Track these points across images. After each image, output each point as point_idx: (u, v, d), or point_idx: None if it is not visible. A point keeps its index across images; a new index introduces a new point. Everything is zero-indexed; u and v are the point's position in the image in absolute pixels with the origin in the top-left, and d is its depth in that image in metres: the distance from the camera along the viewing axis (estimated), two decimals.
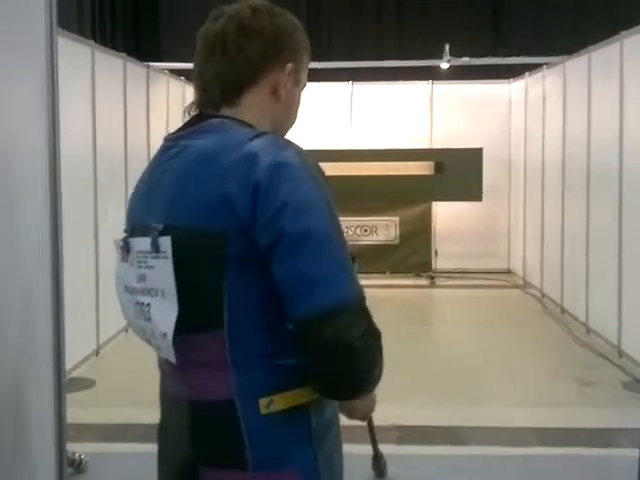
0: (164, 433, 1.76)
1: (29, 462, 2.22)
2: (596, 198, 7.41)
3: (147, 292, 1.63)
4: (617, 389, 5.98)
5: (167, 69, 9.31)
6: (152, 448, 1.82)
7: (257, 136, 1.59)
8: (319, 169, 1.60)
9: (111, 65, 7.21)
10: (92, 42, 7.01)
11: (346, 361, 1.48)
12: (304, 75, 1.78)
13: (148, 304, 1.63)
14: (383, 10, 11.50)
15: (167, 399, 1.75)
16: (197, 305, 1.57)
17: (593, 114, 7.46)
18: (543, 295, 9.19)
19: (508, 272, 10.75)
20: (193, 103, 1.74)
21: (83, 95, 6.45)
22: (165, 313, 1.59)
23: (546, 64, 9.15)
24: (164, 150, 1.71)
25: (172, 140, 1.71)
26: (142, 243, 1.63)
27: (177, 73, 9.63)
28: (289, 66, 1.72)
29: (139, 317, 1.67)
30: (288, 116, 1.77)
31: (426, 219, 10.56)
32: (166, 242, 1.57)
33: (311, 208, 1.52)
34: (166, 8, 11.56)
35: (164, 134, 7.09)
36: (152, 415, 1.90)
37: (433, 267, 10.58)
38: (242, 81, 1.69)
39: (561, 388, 6.04)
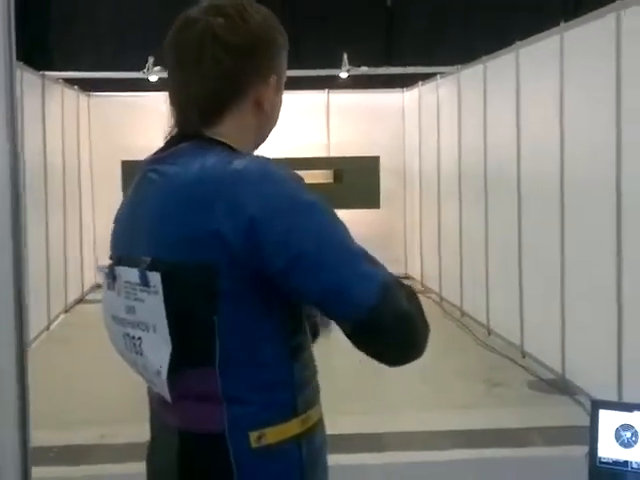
0: (154, 457, 1.72)
1: None
2: (494, 203, 7.63)
3: (137, 325, 1.59)
4: (524, 389, 6.17)
5: (61, 78, 9.06)
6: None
7: (238, 161, 1.53)
8: (300, 178, 1.58)
9: (5, 73, 6.94)
10: None
11: (411, 327, 1.52)
12: (284, 76, 1.71)
13: (139, 338, 1.59)
14: (281, 20, 11.49)
15: (157, 425, 1.71)
16: (188, 340, 1.54)
17: (489, 122, 7.69)
18: (442, 299, 9.39)
19: (406, 277, 10.93)
20: (172, 125, 1.65)
21: None
22: (157, 349, 1.55)
23: (440, 73, 9.38)
24: (144, 174, 1.64)
25: (150, 163, 1.64)
26: (130, 274, 1.58)
27: (70, 82, 9.40)
28: (273, 79, 1.65)
29: (130, 350, 1.62)
30: (271, 123, 1.72)
31: None
32: (156, 277, 1.52)
33: (313, 219, 1.51)
34: (57, 14, 11.24)
35: (60, 146, 6.93)
36: (66, 436, 1.85)
37: None
38: (222, 101, 1.61)
39: (470, 390, 6.18)
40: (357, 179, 9.96)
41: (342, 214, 7.06)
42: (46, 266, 8.10)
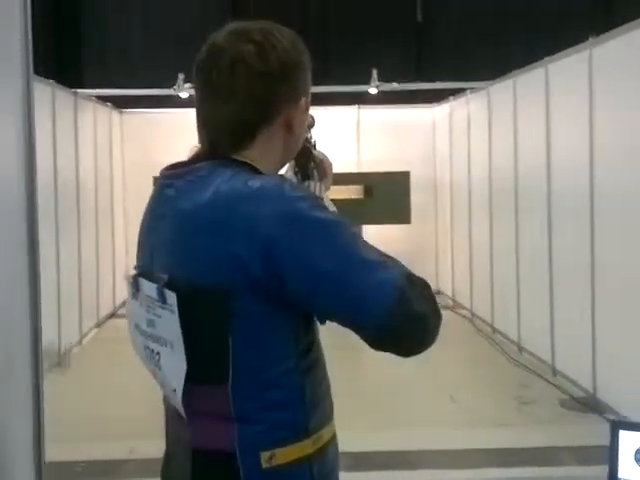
0: (168, 472, 1.73)
1: None
2: (525, 218, 7.58)
3: (156, 340, 1.61)
4: (555, 407, 6.10)
5: (94, 95, 9.18)
6: None
7: (252, 181, 1.54)
8: (315, 197, 1.60)
9: (39, 92, 7.05)
10: None
11: (425, 326, 1.57)
12: (310, 94, 1.73)
13: (158, 353, 1.61)
14: (309, 36, 11.56)
15: (172, 438, 1.72)
16: (202, 359, 1.56)
17: (519, 137, 7.66)
18: (473, 315, 9.34)
19: (438, 293, 10.88)
20: (200, 145, 1.67)
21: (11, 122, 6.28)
22: (174, 367, 1.58)
23: (470, 89, 9.36)
24: (161, 188, 1.66)
25: (168, 178, 1.65)
26: (149, 288, 1.60)
27: (103, 99, 9.51)
28: (302, 101, 1.67)
29: (150, 362, 1.65)
30: (299, 142, 1.74)
31: None
32: (172, 297, 1.54)
33: (330, 237, 1.52)
34: (90, 33, 11.40)
35: (92, 162, 6.98)
36: (94, 451, 1.86)
37: None
38: (254, 127, 1.62)
39: (500, 408, 6.13)
40: (387, 195, 9.93)
41: (372, 230, 7.12)
42: (78, 281, 8.18)
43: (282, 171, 1.81)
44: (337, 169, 10.70)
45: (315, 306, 1.54)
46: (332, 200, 8.63)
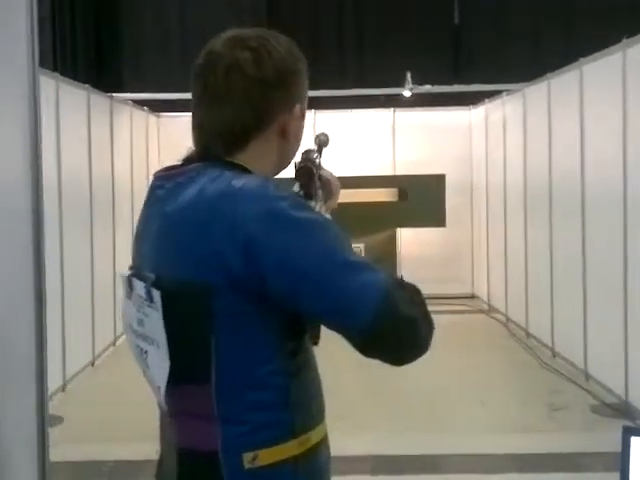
0: (161, 476, 1.75)
1: None
2: (559, 222, 7.50)
3: (145, 338, 1.63)
4: (586, 413, 6.02)
5: (130, 99, 9.29)
6: None
7: (236, 180, 1.55)
8: (299, 197, 1.63)
9: (75, 97, 7.17)
10: (56, 74, 6.97)
11: (414, 330, 1.53)
12: (306, 103, 1.74)
13: (146, 351, 1.63)
14: (344, 39, 11.60)
15: (165, 439, 1.73)
16: (185, 358, 1.57)
17: (554, 139, 7.58)
18: (508, 319, 9.26)
19: (472, 297, 10.82)
20: (194, 147, 1.69)
21: (47, 127, 6.39)
22: (159, 365, 1.59)
23: (506, 91, 9.30)
24: (153, 189, 1.68)
25: (160, 179, 1.67)
26: (140, 288, 1.62)
27: (140, 103, 9.61)
28: (297, 108, 1.69)
29: (140, 361, 1.68)
30: (294, 149, 1.75)
31: (391, 245, 10.61)
32: (158, 295, 1.56)
33: (312, 237, 1.52)
34: (127, 38, 11.53)
35: (129, 166, 7.07)
36: (121, 451, 1.89)
37: None
38: (248, 132, 1.64)
39: (531, 413, 6.08)
40: (422, 197, 9.93)
41: (407, 233, 7.09)
42: (113, 282, 8.27)
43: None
44: (372, 172, 10.81)
45: (298, 307, 1.53)
46: (367, 203, 8.55)
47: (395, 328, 1.50)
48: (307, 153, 1.95)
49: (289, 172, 1.87)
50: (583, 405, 6.18)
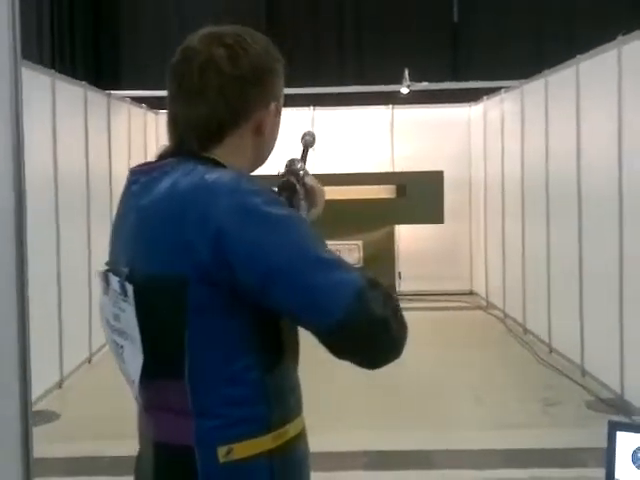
0: (139, 471, 1.75)
1: None
2: (556, 218, 7.51)
3: (121, 334, 1.64)
4: (581, 409, 6.03)
5: (128, 97, 9.29)
6: None
7: (209, 174, 1.55)
8: (272, 193, 1.62)
9: (72, 94, 7.18)
10: (52, 71, 6.97)
11: (386, 331, 1.51)
12: (282, 101, 1.75)
13: (122, 346, 1.64)
14: (343, 36, 11.60)
15: (143, 436, 1.74)
16: (159, 352, 1.57)
17: (551, 136, 7.59)
18: (506, 316, 9.27)
19: (471, 293, 10.83)
20: (169, 143, 1.69)
21: (44, 124, 6.41)
22: (133, 360, 1.60)
23: (504, 88, 9.29)
24: (128, 185, 1.69)
25: (136, 174, 1.68)
26: (115, 282, 1.63)
27: (138, 100, 9.62)
28: (272, 106, 1.69)
29: (116, 356, 1.68)
30: (270, 146, 1.75)
31: (389, 242, 10.62)
32: (131, 289, 1.57)
33: (283, 233, 1.51)
34: (126, 36, 11.55)
35: (126, 162, 7.08)
36: (117, 448, 1.90)
37: (397, 290, 10.61)
38: (222, 128, 1.65)
39: (525, 409, 6.08)
40: (420, 194, 9.91)
41: (405, 229, 7.14)
42: None
43: None
44: (370, 169, 10.80)
45: (268, 302, 1.52)
46: (365, 200, 8.54)
47: (367, 327, 1.48)
48: (291, 164, 1.93)
49: (266, 169, 1.86)
50: (578, 401, 6.19)
